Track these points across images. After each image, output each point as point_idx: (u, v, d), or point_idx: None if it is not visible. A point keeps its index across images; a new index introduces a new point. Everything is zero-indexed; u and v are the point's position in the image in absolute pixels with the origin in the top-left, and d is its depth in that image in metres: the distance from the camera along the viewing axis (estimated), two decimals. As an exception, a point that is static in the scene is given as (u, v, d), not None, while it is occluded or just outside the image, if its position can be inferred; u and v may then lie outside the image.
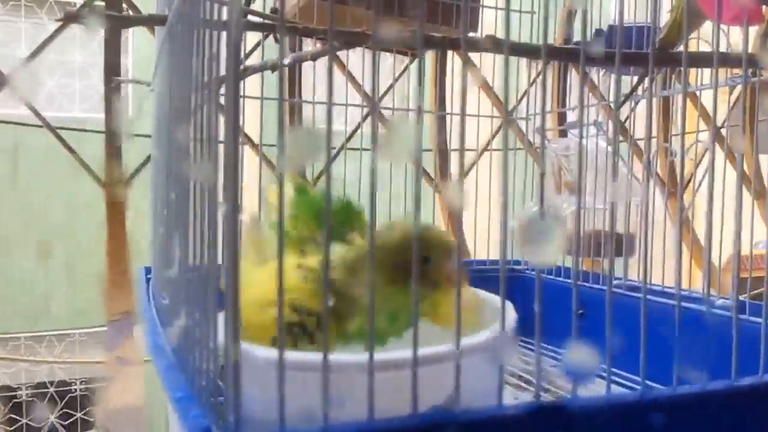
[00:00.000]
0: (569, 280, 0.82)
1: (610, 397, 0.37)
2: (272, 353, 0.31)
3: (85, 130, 1.30)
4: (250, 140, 1.14)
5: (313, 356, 0.31)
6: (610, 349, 0.36)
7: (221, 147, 0.29)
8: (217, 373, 0.31)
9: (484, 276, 0.93)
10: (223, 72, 0.31)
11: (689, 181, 1.61)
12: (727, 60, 0.60)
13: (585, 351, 0.33)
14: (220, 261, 0.29)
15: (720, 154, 1.22)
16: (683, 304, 0.42)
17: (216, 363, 0.31)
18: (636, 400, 0.35)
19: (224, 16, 0.31)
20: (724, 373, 0.39)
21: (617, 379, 0.69)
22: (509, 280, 0.39)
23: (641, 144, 1.36)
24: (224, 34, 0.30)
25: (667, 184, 1.64)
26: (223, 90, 0.30)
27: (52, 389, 4.29)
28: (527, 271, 1.05)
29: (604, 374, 0.37)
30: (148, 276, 0.71)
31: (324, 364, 0.28)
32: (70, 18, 0.56)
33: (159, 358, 0.38)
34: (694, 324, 0.43)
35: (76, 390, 4.37)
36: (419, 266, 0.30)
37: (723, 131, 1.41)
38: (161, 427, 0.97)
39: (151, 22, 0.59)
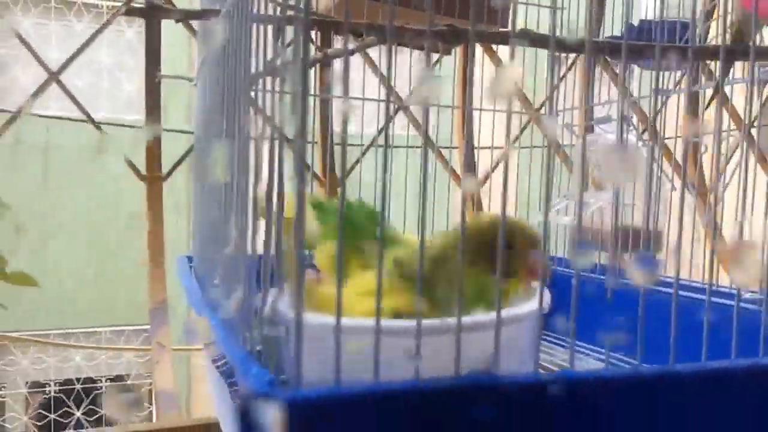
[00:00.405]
0: (602, 277, 0.85)
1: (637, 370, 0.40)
2: (327, 319, 0.34)
3: (126, 125, 1.35)
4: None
5: (364, 321, 0.34)
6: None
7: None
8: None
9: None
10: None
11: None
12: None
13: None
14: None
15: (750, 156, 1.23)
16: (713, 298, 0.45)
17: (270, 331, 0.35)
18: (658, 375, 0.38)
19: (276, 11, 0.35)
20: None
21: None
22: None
23: (668, 142, 1.38)
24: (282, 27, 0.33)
25: (697, 182, 1.65)
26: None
27: (78, 386, 4.37)
28: (557, 268, 1.07)
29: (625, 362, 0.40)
30: (190, 264, 0.75)
31: (377, 328, 0.31)
32: (128, 12, 0.60)
33: (218, 330, 0.41)
34: (722, 318, 0.45)
35: (101, 387, 4.46)
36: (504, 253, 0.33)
37: (753, 131, 1.42)
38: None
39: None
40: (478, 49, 1.48)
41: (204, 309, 0.48)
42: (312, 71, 1.28)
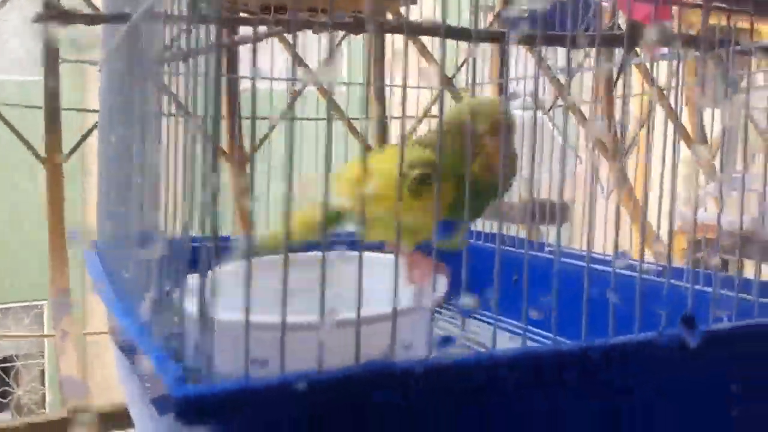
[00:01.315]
0: (510, 248, 0.89)
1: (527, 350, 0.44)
2: (233, 316, 0.37)
3: (24, 106, 1.31)
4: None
5: (269, 318, 0.37)
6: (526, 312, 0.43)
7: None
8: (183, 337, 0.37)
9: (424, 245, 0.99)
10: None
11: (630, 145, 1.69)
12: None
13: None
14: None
15: (661, 114, 1.29)
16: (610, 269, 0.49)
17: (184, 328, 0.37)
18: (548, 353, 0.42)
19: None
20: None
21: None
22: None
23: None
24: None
25: (611, 149, 1.72)
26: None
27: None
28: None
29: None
30: (100, 252, 0.75)
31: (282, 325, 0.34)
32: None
33: (130, 327, 0.43)
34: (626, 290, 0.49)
35: (16, 367, 4.35)
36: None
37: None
38: (100, 396, 1.03)
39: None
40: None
41: (115, 308, 0.49)
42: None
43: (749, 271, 0.60)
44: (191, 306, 0.35)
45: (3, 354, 4.42)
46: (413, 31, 0.76)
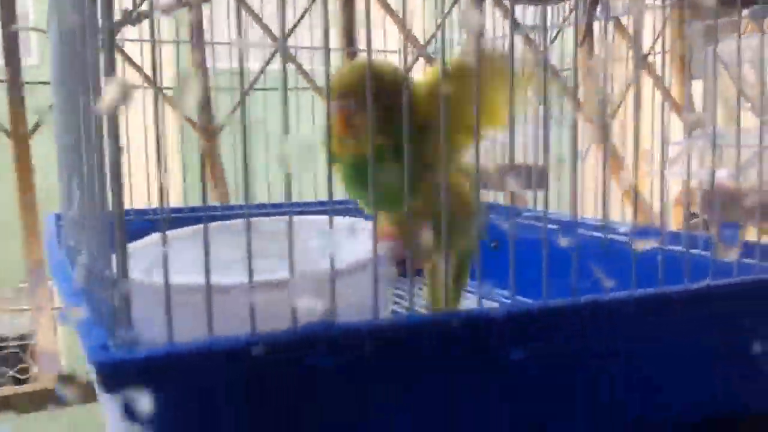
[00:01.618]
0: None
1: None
2: (157, 280, 0.36)
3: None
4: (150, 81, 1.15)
5: (194, 281, 0.36)
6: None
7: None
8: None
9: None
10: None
11: (618, 108, 1.67)
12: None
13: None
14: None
15: (648, 82, 1.27)
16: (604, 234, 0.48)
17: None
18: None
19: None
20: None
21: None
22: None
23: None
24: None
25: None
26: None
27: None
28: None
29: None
30: (60, 223, 0.74)
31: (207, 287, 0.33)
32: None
33: (65, 293, 0.42)
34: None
35: (6, 348, 4.33)
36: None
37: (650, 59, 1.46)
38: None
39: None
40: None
41: (57, 273, 0.48)
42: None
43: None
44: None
45: (19, 332, 4.39)
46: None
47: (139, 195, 0.94)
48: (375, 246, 0.39)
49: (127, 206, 0.92)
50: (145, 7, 0.88)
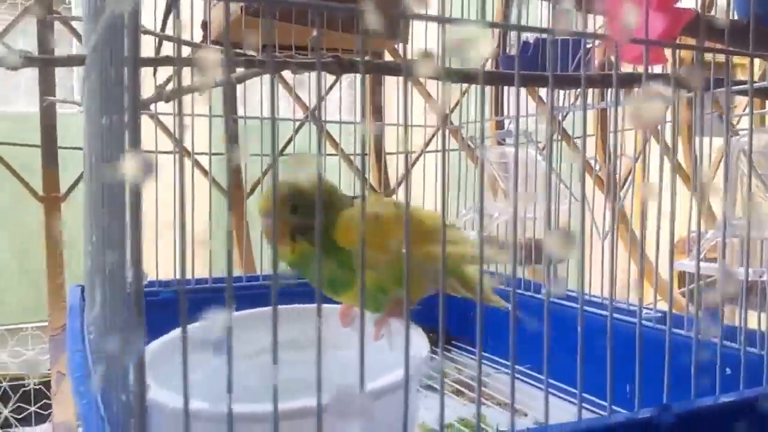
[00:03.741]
0: (508, 288, 0.83)
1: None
2: (177, 401, 0.31)
3: (21, 145, 1.26)
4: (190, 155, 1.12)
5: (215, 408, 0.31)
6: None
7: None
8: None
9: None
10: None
11: (626, 179, 1.62)
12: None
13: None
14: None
15: (656, 148, 1.23)
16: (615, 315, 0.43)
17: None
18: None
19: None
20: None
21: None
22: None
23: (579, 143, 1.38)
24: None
25: (607, 186, 1.66)
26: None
27: (5, 384, 4.20)
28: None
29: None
30: (84, 297, 0.70)
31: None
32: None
33: (80, 400, 0.37)
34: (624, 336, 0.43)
35: (29, 384, 4.28)
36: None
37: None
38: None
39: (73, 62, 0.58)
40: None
41: (76, 375, 0.43)
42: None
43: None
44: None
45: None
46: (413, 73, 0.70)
47: (166, 257, 0.89)
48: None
49: (152, 276, 0.88)
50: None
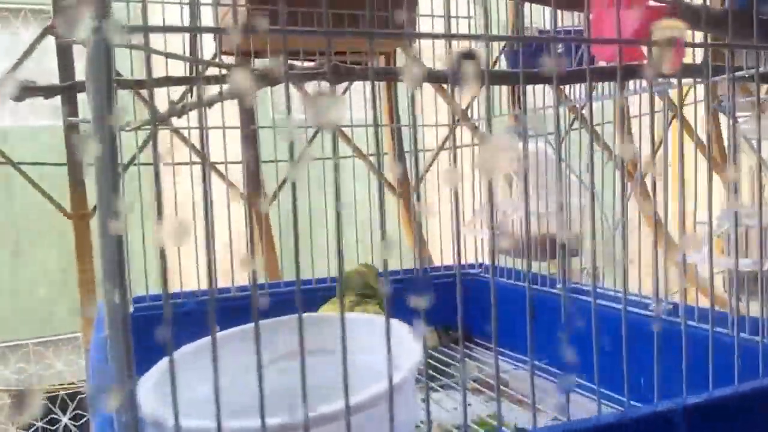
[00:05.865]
0: (522, 283, 0.83)
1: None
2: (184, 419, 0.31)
3: (46, 164, 1.28)
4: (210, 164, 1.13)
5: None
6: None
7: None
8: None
9: (440, 282, 0.93)
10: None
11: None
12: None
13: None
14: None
15: (689, 143, 1.21)
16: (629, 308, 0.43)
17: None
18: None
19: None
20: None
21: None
22: (464, 284, 0.40)
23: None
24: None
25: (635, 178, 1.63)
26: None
27: (62, 393, 4.27)
28: (482, 275, 1.05)
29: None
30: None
31: None
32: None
33: (96, 414, 0.37)
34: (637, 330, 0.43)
35: (85, 392, 4.34)
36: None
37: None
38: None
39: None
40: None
41: (92, 392, 0.43)
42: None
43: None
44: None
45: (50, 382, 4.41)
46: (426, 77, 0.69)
47: (189, 266, 0.90)
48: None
49: (176, 287, 0.88)
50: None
